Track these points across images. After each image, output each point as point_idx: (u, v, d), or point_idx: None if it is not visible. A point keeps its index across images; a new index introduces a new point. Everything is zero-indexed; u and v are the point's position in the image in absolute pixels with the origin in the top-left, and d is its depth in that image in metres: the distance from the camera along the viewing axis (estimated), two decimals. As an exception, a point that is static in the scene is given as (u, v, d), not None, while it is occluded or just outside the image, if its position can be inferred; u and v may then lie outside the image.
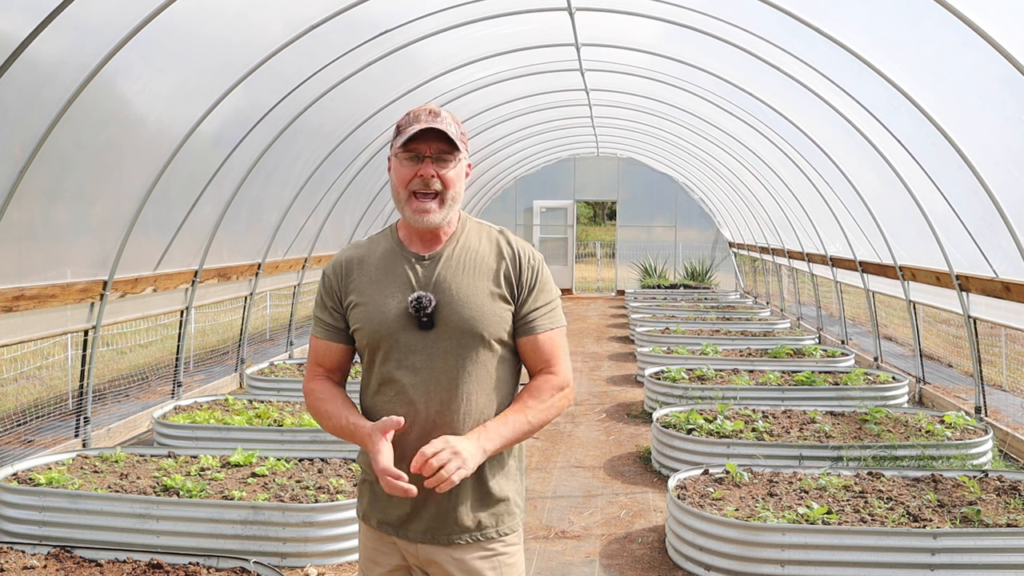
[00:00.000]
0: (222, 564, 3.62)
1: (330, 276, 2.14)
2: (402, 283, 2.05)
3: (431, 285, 2.04)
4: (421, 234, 2.09)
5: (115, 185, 5.72)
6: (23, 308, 5.06)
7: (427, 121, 1.98)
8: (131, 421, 6.58)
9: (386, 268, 2.08)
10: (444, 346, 2.02)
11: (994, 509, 4.32)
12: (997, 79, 4.86)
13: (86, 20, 4.35)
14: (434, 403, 2.01)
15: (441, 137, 2.01)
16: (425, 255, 2.08)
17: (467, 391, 2.02)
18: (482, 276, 2.06)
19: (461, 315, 2.01)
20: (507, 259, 2.09)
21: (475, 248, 2.10)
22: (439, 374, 2.01)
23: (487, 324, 2.02)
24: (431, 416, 2.01)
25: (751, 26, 6.65)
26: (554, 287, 2.15)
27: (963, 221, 6.20)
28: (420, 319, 2.00)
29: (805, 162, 9.17)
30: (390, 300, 2.04)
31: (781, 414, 6.35)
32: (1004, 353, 8.96)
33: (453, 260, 2.07)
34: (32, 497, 4.26)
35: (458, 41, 7.63)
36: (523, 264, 2.09)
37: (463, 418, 2.02)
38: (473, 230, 2.14)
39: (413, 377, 2.02)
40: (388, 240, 2.15)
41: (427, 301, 2.00)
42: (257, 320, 11.54)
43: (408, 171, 2.02)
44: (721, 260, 18.94)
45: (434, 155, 2.01)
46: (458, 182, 2.06)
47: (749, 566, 3.89)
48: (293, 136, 7.46)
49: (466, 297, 2.02)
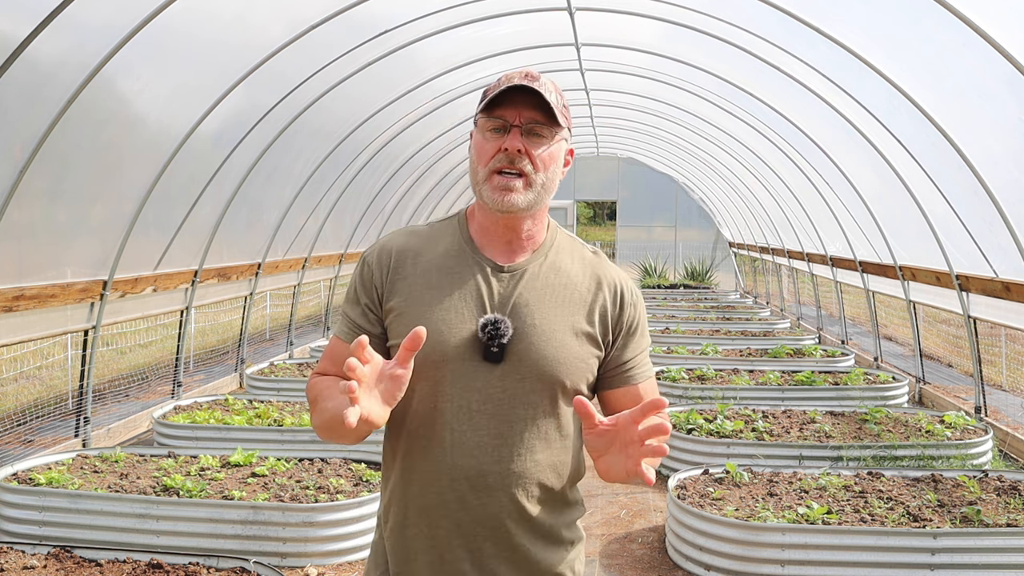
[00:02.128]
0: (222, 564, 3.62)
1: (372, 265, 1.66)
2: (470, 297, 1.60)
3: (508, 307, 1.60)
4: (502, 234, 1.64)
5: (115, 185, 5.72)
6: (23, 308, 5.06)
7: (520, 81, 1.56)
8: (131, 421, 6.58)
9: (450, 272, 1.62)
10: (511, 389, 1.57)
11: (994, 509, 4.32)
12: (997, 79, 4.86)
13: (86, 20, 4.35)
14: (486, 459, 1.57)
15: (536, 103, 1.57)
16: (504, 266, 1.63)
17: (531, 449, 1.59)
18: (573, 307, 1.62)
19: (542, 353, 1.57)
20: (606, 291, 1.66)
21: (567, 269, 1.66)
22: (500, 423, 1.57)
23: (570, 369, 1.59)
24: (477, 476, 1.56)
25: (751, 26, 6.65)
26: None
27: (963, 221, 6.20)
28: (490, 349, 1.56)
29: (805, 162, 9.17)
30: (451, 316, 1.58)
31: (781, 414, 6.35)
32: (1004, 353, 8.96)
33: (539, 280, 1.63)
34: (32, 497, 4.26)
35: (458, 41, 7.63)
36: (625, 300, 1.67)
37: (519, 484, 1.58)
38: (564, 245, 1.70)
39: (464, 421, 1.57)
40: (455, 234, 1.68)
41: (505, 328, 1.56)
42: (257, 320, 11.54)
43: (491, 144, 1.58)
44: (721, 260, 18.94)
45: (525, 125, 1.57)
46: (552, 165, 1.61)
47: (749, 566, 3.89)
48: (293, 136, 7.46)
49: (550, 331, 1.59)
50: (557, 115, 1.57)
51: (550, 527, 1.64)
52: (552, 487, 1.62)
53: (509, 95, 1.57)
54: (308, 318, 12.37)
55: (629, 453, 1.39)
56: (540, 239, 1.67)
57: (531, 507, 1.60)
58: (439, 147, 11.29)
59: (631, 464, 1.39)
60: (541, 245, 1.67)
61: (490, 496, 1.57)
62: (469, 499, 1.57)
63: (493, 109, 1.57)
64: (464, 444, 1.56)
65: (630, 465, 1.39)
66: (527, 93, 1.56)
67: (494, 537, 1.58)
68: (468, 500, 1.57)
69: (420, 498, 1.60)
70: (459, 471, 1.56)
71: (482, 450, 1.56)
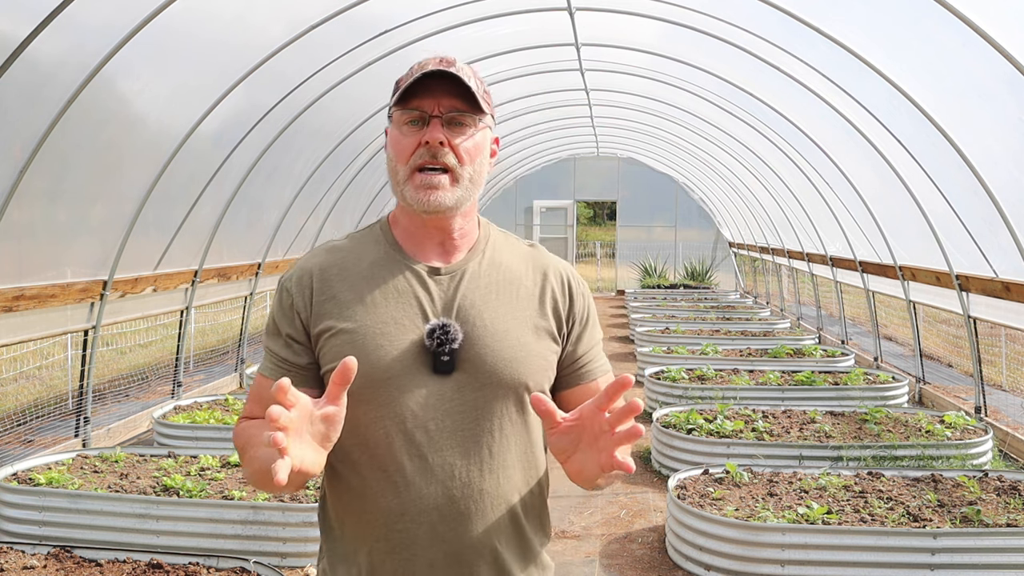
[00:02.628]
0: (222, 564, 3.62)
1: (291, 291, 1.48)
2: (409, 306, 1.44)
3: (453, 311, 1.44)
4: (430, 235, 1.49)
5: (115, 185, 5.72)
6: (23, 308, 5.06)
7: (436, 67, 1.41)
8: (131, 421, 6.58)
9: (382, 282, 1.46)
10: (470, 400, 1.41)
11: (994, 509, 4.32)
12: (997, 79, 4.86)
13: (86, 20, 4.35)
14: (454, 484, 1.40)
15: (456, 90, 1.42)
16: (440, 268, 1.48)
17: (503, 465, 1.43)
18: (522, 303, 1.48)
19: (498, 355, 1.42)
20: (553, 282, 1.53)
21: (508, 264, 1.52)
22: (464, 440, 1.41)
23: (532, 369, 1.45)
24: (447, 504, 1.40)
25: (751, 26, 6.65)
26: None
27: (963, 221, 6.20)
28: (439, 358, 1.40)
29: (805, 162, 9.17)
30: (391, 329, 1.42)
31: (781, 414, 6.35)
32: (1004, 353, 8.96)
33: (482, 278, 1.48)
34: (32, 497, 4.26)
35: (458, 41, 7.63)
36: (574, 290, 1.54)
37: (492, 506, 1.42)
38: (500, 241, 1.56)
39: (423, 444, 1.40)
40: (379, 243, 1.53)
41: (455, 332, 1.41)
42: (257, 320, 11.53)
43: (409, 139, 1.43)
44: (721, 260, 18.94)
45: (445, 115, 1.42)
46: (479, 156, 1.45)
47: (749, 566, 3.89)
48: (293, 136, 7.46)
49: (504, 330, 1.44)
50: (480, 101, 1.42)
51: (535, 552, 1.49)
52: (532, 503, 1.48)
53: (424, 83, 1.41)
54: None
55: (601, 446, 1.25)
56: (474, 237, 1.53)
57: (513, 529, 1.45)
58: (439, 147, 11.27)
59: (604, 457, 1.24)
60: (476, 243, 1.53)
61: (465, 525, 1.40)
62: (442, 532, 1.39)
63: (408, 100, 1.42)
64: (427, 470, 1.39)
65: (603, 458, 1.24)
66: (444, 79, 1.41)
67: (477, 570, 1.42)
68: (441, 533, 1.39)
69: (385, 540, 1.40)
70: (425, 502, 1.38)
71: (448, 473, 1.39)
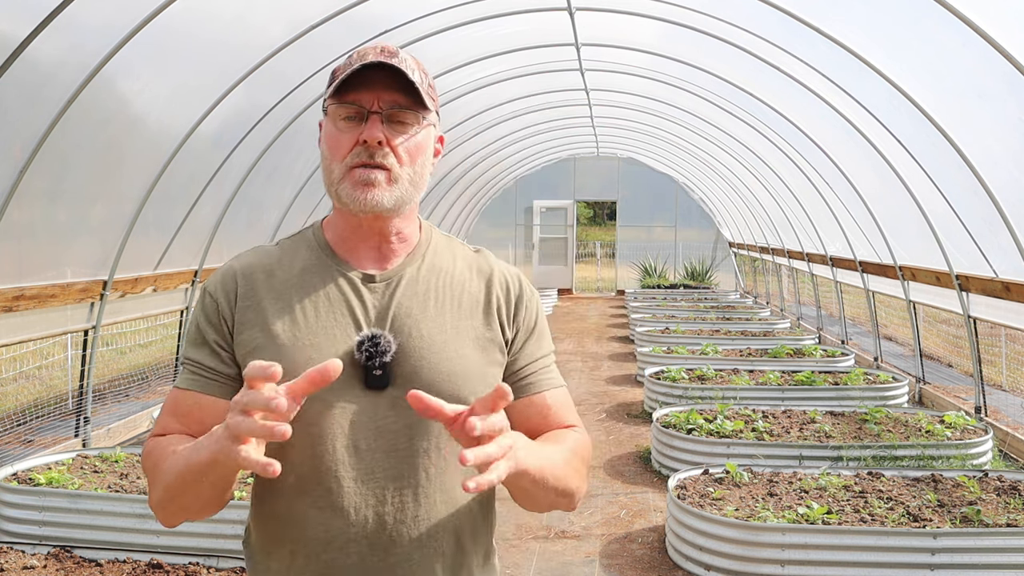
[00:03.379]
0: (222, 564, 3.62)
1: (215, 295, 1.36)
2: (340, 315, 1.33)
3: (387, 320, 1.33)
4: (365, 238, 1.37)
5: (115, 185, 5.72)
6: (23, 308, 5.06)
7: (376, 57, 1.29)
8: (131, 421, 6.58)
9: (312, 289, 1.35)
10: (405, 417, 1.29)
11: (994, 509, 4.32)
12: (997, 79, 4.86)
13: (86, 20, 4.35)
14: (386, 509, 1.28)
15: (397, 83, 1.30)
16: (375, 274, 1.37)
17: (441, 489, 1.31)
18: (463, 311, 1.38)
19: (436, 368, 1.31)
20: (497, 289, 1.41)
21: (449, 270, 1.41)
22: (397, 461, 1.29)
23: (474, 383, 1.33)
24: (377, 532, 1.28)
25: (751, 26, 6.65)
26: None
27: (963, 221, 6.21)
28: (371, 372, 1.29)
29: (805, 162, 9.17)
30: (321, 339, 1.31)
31: (781, 414, 6.35)
32: (1004, 353, 8.96)
33: (419, 285, 1.37)
34: (32, 497, 4.26)
35: (458, 41, 7.63)
36: (521, 297, 1.43)
37: (429, 534, 1.30)
38: (442, 245, 1.45)
39: (352, 466, 1.28)
40: (310, 247, 1.41)
41: (386, 344, 1.29)
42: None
43: (346, 136, 1.31)
44: (721, 260, 18.94)
45: (385, 111, 1.30)
46: (420, 157, 1.35)
47: (749, 566, 3.89)
48: (293, 136, 7.46)
49: (442, 341, 1.33)
50: (423, 96, 1.31)
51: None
52: (472, 531, 1.35)
53: (363, 75, 1.29)
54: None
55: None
56: (413, 241, 1.41)
57: (453, 559, 1.33)
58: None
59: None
60: (416, 247, 1.41)
61: (397, 555, 1.28)
62: (372, 563, 1.28)
63: (345, 93, 1.30)
64: (356, 494, 1.27)
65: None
66: (385, 71, 1.29)
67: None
68: (371, 564, 1.28)
69: (309, 572, 1.29)
70: (355, 529, 1.27)
71: (379, 498, 1.28)
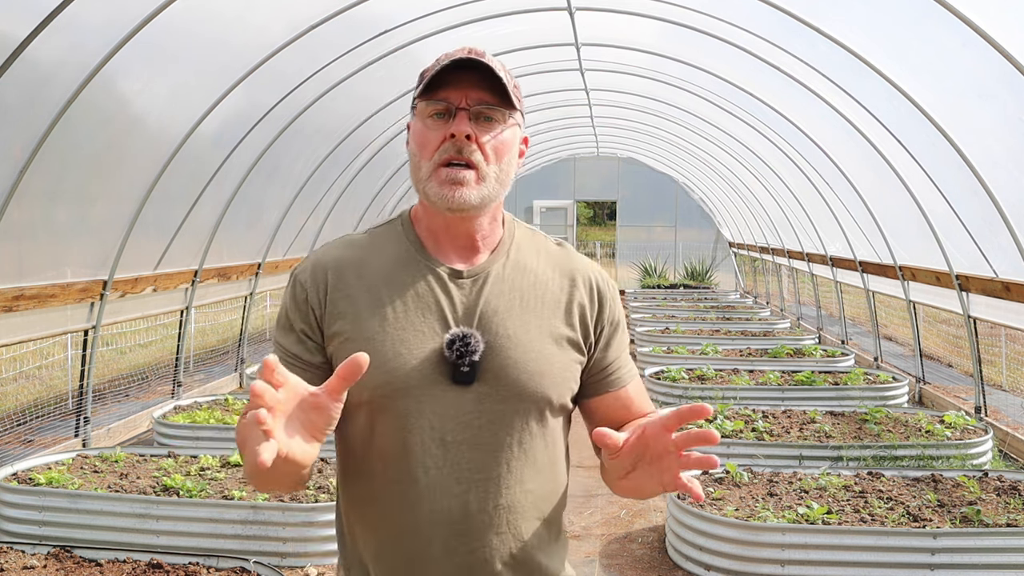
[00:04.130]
0: (222, 564, 3.62)
1: (305, 284, 1.39)
2: (429, 311, 1.37)
3: (475, 318, 1.37)
4: (452, 235, 1.41)
5: (115, 185, 5.72)
6: (23, 308, 5.06)
7: (465, 56, 1.32)
8: (131, 421, 6.58)
9: (401, 284, 1.38)
10: (490, 412, 1.35)
11: (994, 509, 4.32)
12: (997, 79, 4.86)
13: (86, 20, 4.35)
14: (469, 498, 1.35)
15: (485, 82, 1.34)
16: (463, 271, 1.40)
17: (520, 480, 1.37)
18: (548, 310, 1.40)
19: (521, 367, 1.35)
20: (581, 287, 1.44)
21: (533, 267, 1.43)
22: (481, 453, 1.35)
23: (556, 382, 1.38)
24: (461, 520, 1.35)
25: (751, 26, 6.65)
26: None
27: (963, 221, 6.20)
28: (459, 368, 1.33)
29: (805, 162, 9.17)
30: (410, 335, 1.35)
31: (781, 414, 6.35)
32: (1004, 353, 8.96)
33: (505, 283, 1.40)
34: (32, 497, 4.26)
35: (458, 41, 7.62)
36: (604, 296, 1.46)
37: (511, 522, 1.37)
38: (526, 240, 1.47)
39: (439, 456, 1.34)
40: (400, 240, 1.44)
41: (476, 343, 1.34)
42: (257, 320, 11.54)
43: (435, 133, 1.34)
44: (721, 260, 18.94)
45: (472, 108, 1.33)
46: (506, 154, 1.38)
47: (749, 566, 3.89)
48: (293, 136, 7.46)
49: (528, 340, 1.37)
50: (510, 95, 1.34)
51: (546, 570, 1.43)
52: (548, 520, 1.42)
53: (452, 74, 1.33)
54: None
55: (664, 465, 1.22)
56: (498, 237, 1.44)
57: (526, 547, 1.39)
58: (439, 147, 11.28)
59: (668, 477, 1.21)
60: (500, 243, 1.44)
61: (479, 540, 1.35)
62: (455, 546, 1.34)
63: (434, 91, 1.34)
64: (442, 483, 1.33)
65: (667, 478, 1.22)
66: (473, 70, 1.33)
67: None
68: (454, 547, 1.34)
69: (397, 554, 1.36)
70: (439, 515, 1.34)
71: (463, 487, 1.34)
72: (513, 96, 1.35)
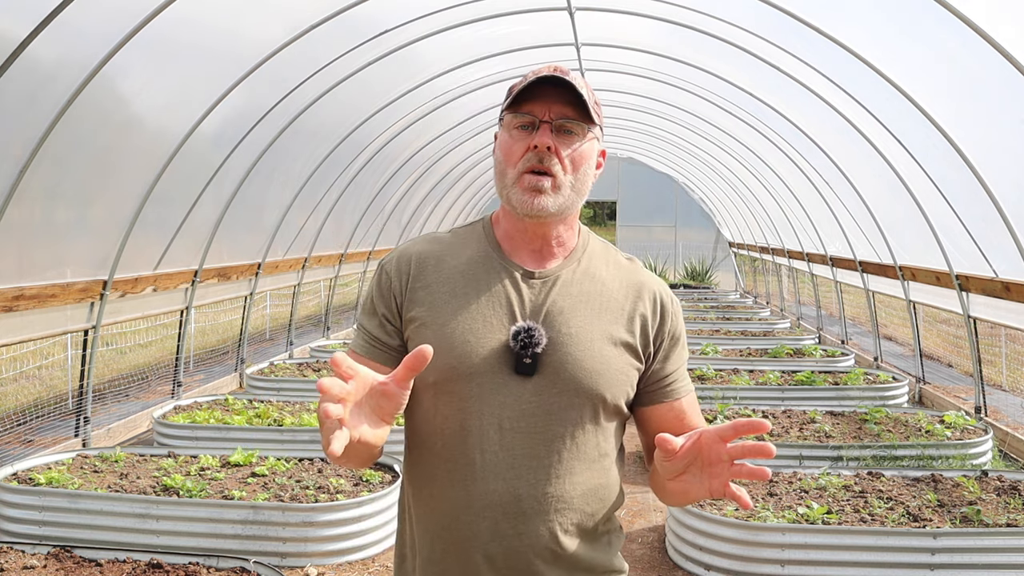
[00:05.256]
0: (222, 564, 3.62)
1: (390, 273, 1.53)
2: (499, 305, 1.48)
3: (541, 315, 1.47)
4: (529, 239, 1.52)
5: (115, 185, 5.72)
6: (23, 308, 5.06)
7: (551, 73, 1.45)
8: (131, 421, 6.58)
9: (476, 279, 1.50)
10: (547, 404, 1.44)
11: (994, 509, 4.32)
12: (997, 79, 4.86)
13: (86, 20, 4.35)
14: (521, 483, 1.43)
15: (567, 98, 1.45)
16: (535, 272, 1.51)
17: (570, 472, 1.45)
18: (610, 316, 1.50)
19: (580, 364, 1.45)
20: (645, 300, 1.54)
21: (601, 276, 1.54)
22: (535, 442, 1.44)
23: (611, 382, 1.47)
24: (512, 503, 1.43)
25: (751, 26, 6.65)
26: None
27: (963, 221, 6.20)
28: (521, 360, 1.43)
29: (805, 162, 9.17)
30: (479, 325, 1.46)
31: (781, 414, 6.35)
32: (1004, 353, 8.96)
33: (574, 287, 1.51)
34: (32, 497, 4.26)
35: (457, 41, 7.63)
36: (666, 310, 1.55)
37: (558, 510, 1.45)
38: (598, 251, 1.58)
39: (495, 441, 1.43)
40: (480, 240, 1.56)
41: (539, 336, 1.44)
42: (257, 320, 11.54)
43: (519, 143, 1.46)
44: (721, 260, 18.94)
45: (555, 121, 1.45)
46: (584, 166, 1.48)
47: (749, 566, 3.89)
48: (293, 136, 7.46)
49: (588, 340, 1.47)
50: (590, 111, 1.45)
51: (590, 560, 1.49)
52: (593, 513, 1.48)
53: (537, 89, 1.45)
54: (308, 318, 12.37)
55: (714, 472, 1.32)
56: (572, 245, 1.55)
57: (570, 537, 1.46)
58: (439, 147, 11.29)
59: (717, 484, 1.31)
60: (573, 251, 1.55)
61: (526, 524, 1.43)
62: (503, 528, 1.43)
63: (521, 104, 1.46)
64: (496, 466, 1.42)
65: (715, 485, 1.31)
66: (557, 86, 1.44)
67: (535, 569, 1.44)
68: (502, 529, 1.43)
69: (449, 530, 1.46)
70: (491, 497, 1.42)
71: (516, 472, 1.42)
72: (593, 112, 1.47)
